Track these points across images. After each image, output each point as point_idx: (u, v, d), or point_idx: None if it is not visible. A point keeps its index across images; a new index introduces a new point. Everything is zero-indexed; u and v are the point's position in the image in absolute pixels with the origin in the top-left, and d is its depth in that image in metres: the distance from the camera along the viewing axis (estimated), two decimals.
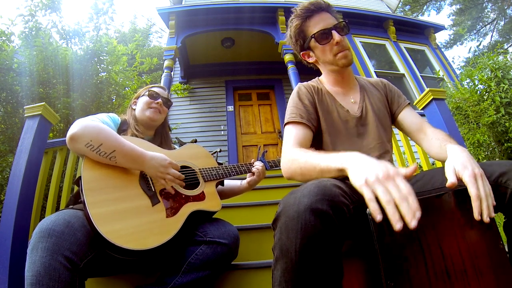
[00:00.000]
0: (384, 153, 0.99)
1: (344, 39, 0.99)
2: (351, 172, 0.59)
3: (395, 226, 0.49)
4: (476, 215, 0.60)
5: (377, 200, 0.53)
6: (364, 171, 0.57)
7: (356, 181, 0.57)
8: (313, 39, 0.99)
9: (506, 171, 0.68)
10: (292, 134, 0.93)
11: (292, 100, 1.03)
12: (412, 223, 0.49)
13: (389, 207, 0.51)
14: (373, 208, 0.52)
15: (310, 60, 1.07)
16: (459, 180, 0.66)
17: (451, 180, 0.65)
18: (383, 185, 0.54)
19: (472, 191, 0.61)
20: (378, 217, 0.51)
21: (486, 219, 0.60)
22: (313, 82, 1.10)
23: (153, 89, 1.28)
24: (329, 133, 0.98)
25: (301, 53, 1.08)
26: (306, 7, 1.00)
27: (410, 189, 0.53)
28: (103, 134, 0.95)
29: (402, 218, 0.50)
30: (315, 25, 0.98)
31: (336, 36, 0.96)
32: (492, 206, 0.61)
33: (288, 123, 0.97)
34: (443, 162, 0.82)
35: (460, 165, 0.68)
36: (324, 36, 0.97)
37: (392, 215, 0.50)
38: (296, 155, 0.80)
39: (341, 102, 1.03)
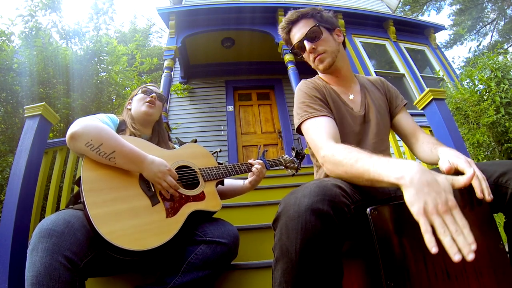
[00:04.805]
0: (384, 150, 1.01)
1: (320, 42, 0.98)
2: (408, 194, 0.55)
3: (453, 258, 0.49)
4: (479, 193, 0.62)
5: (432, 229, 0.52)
6: (423, 196, 0.54)
7: (413, 208, 0.54)
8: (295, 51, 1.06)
9: (506, 171, 0.68)
10: (320, 127, 0.87)
11: (302, 96, 0.98)
12: (469, 257, 0.49)
13: (446, 239, 0.51)
14: (428, 239, 0.51)
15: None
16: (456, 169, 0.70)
17: (447, 165, 0.71)
18: (441, 217, 0.52)
19: (469, 172, 0.64)
20: (434, 249, 0.50)
21: (488, 197, 0.62)
22: (315, 79, 1.09)
23: (146, 86, 1.31)
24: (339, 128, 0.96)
25: None
26: (282, 25, 1.05)
27: (465, 222, 0.52)
28: (104, 134, 0.95)
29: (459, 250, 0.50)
30: (293, 38, 1.04)
31: (307, 46, 0.99)
32: (489, 187, 0.64)
33: (307, 119, 0.91)
34: (433, 164, 0.88)
35: (453, 157, 0.74)
36: (300, 48, 1.03)
37: (450, 248, 0.50)
38: (339, 156, 0.73)
39: (344, 98, 1.04)
